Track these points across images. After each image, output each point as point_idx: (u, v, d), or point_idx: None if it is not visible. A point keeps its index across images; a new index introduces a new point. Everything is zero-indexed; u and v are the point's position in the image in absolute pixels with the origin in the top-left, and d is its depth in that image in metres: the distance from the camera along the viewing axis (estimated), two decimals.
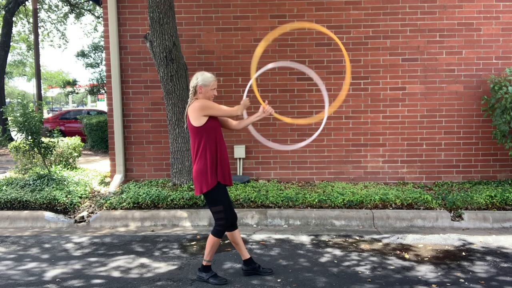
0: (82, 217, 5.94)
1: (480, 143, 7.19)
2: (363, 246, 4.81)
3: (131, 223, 5.80)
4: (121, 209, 5.99)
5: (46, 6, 20.28)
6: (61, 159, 8.18)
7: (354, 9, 7.12)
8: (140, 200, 6.02)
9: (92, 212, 6.09)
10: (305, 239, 5.06)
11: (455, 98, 7.15)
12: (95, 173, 8.08)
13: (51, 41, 26.60)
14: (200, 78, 3.73)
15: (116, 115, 7.18)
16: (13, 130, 7.41)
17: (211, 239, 3.76)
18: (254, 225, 5.74)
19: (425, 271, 4.05)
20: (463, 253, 4.54)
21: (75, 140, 8.76)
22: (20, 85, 66.88)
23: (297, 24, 4.42)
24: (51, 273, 4.08)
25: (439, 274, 3.98)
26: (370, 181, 7.18)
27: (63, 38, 22.99)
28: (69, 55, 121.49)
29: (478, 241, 4.95)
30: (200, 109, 3.64)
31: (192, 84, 3.75)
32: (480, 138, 7.19)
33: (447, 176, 7.21)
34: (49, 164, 7.70)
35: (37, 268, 4.21)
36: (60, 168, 7.58)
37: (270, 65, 4.09)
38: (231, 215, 3.77)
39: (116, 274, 4.04)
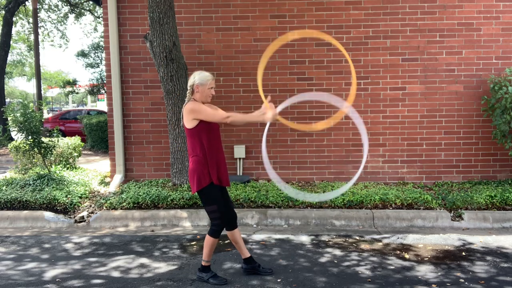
0: (82, 217, 5.94)
1: (480, 143, 7.19)
2: (363, 246, 4.80)
3: (131, 223, 5.80)
4: (121, 209, 5.99)
5: (46, 6, 20.27)
6: (61, 159, 8.18)
7: (354, 9, 7.12)
8: (140, 200, 6.02)
9: (92, 212, 6.09)
10: (305, 239, 5.06)
11: (455, 98, 7.15)
12: (95, 173, 8.08)
13: (51, 41, 26.43)
14: (197, 77, 3.72)
15: (116, 115, 7.18)
16: (13, 130, 7.41)
17: (207, 239, 3.76)
18: (254, 225, 5.74)
19: (425, 271, 4.05)
20: (463, 253, 4.54)
21: (75, 140, 8.76)
22: (20, 85, 66.93)
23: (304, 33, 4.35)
24: (51, 273, 4.08)
25: (439, 274, 3.98)
26: (370, 181, 7.18)
27: (63, 38, 22.98)
28: (69, 55, 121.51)
29: (478, 241, 4.95)
30: (190, 112, 3.65)
31: (189, 83, 3.74)
32: (480, 138, 7.18)
33: (447, 176, 7.21)
34: (49, 164, 7.70)
35: (37, 268, 4.21)
36: (60, 168, 7.58)
37: (293, 99, 3.95)
38: (227, 215, 3.76)
39: (116, 274, 4.04)
